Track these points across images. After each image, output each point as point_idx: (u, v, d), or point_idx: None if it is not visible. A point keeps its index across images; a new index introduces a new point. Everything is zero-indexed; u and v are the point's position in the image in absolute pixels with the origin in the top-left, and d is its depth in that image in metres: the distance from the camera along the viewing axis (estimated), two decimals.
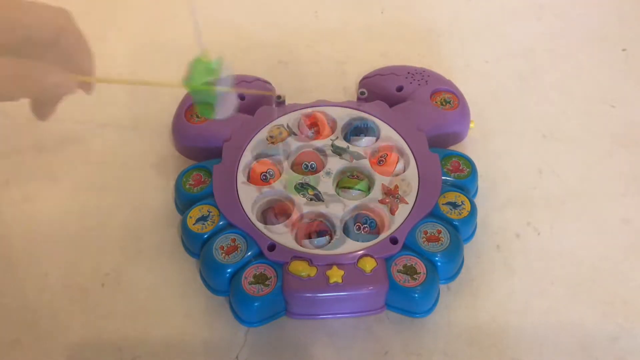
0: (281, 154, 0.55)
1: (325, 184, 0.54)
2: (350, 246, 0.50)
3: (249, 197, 0.53)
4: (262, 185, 0.54)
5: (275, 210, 0.53)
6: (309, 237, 0.51)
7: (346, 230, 0.51)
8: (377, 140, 0.57)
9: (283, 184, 0.54)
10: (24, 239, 0.56)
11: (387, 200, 0.52)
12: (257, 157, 0.56)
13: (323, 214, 0.52)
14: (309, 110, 0.58)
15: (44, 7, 0.38)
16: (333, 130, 0.58)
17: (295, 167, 0.56)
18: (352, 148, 0.56)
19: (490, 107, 0.64)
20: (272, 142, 0.57)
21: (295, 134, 0.57)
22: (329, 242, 0.50)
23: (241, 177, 0.54)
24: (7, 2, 0.37)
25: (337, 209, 0.52)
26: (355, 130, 0.58)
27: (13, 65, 0.37)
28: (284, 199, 0.53)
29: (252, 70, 0.63)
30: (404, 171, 0.54)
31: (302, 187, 0.53)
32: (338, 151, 0.56)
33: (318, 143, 0.56)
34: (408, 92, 0.60)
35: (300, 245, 0.50)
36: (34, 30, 0.38)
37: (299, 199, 0.53)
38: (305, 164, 0.55)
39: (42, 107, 0.43)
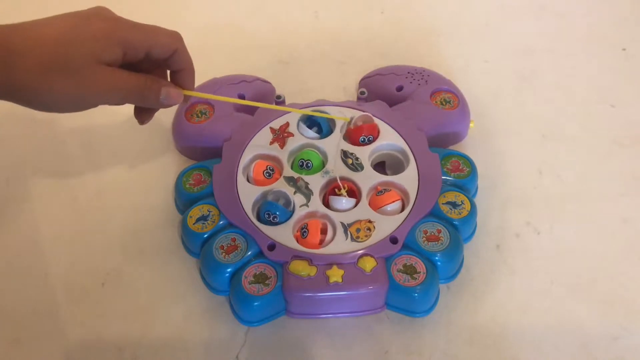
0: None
1: (319, 181, 0.54)
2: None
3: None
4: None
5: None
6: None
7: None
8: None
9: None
10: (24, 238, 0.56)
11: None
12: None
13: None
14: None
15: (162, 31, 0.46)
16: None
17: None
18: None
19: (490, 107, 0.64)
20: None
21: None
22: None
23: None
24: (134, 25, 0.45)
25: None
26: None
27: (137, 78, 0.45)
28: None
29: (252, 70, 0.63)
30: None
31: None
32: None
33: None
34: (408, 92, 0.60)
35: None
36: (153, 50, 0.45)
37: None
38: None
39: (145, 114, 0.50)
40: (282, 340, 0.49)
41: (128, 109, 0.64)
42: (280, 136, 0.57)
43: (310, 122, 0.58)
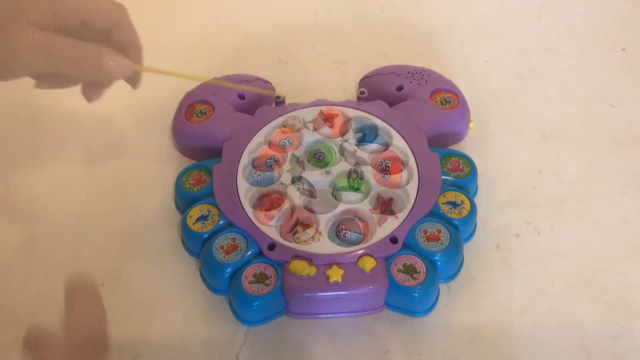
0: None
1: (322, 182, 0.54)
2: (346, 247, 0.50)
3: (249, 196, 0.53)
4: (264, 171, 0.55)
5: (268, 201, 0.53)
6: (294, 229, 0.51)
7: (330, 232, 0.51)
8: (385, 149, 0.56)
9: (283, 172, 0.54)
10: (24, 238, 0.56)
11: (377, 211, 0.52)
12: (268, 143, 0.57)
13: (312, 210, 0.52)
14: (328, 107, 0.58)
15: None
16: (346, 131, 0.57)
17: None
18: (359, 153, 0.56)
19: (490, 106, 0.64)
20: (284, 131, 0.57)
21: (307, 128, 0.57)
22: (311, 238, 0.50)
23: (241, 176, 0.54)
24: None
25: (327, 208, 0.52)
26: (365, 136, 0.57)
27: (77, 45, 0.39)
28: (280, 188, 0.54)
29: (252, 70, 0.63)
30: (407, 183, 0.54)
31: (298, 180, 0.54)
32: (344, 153, 0.56)
33: (328, 140, 0.56)
34: (408, 92, 0.60)
35: (285, 239, 0.50)
36: (91, 16, 0.40)
37: (293, 191, 0.53)
38: (314, 151, 0.55)
39: (93, 90, 0.45)
40: (282, 340, 0.49)
41: (128, 107, 0.65)
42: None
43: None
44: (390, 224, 0.51)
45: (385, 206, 0.52)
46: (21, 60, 0.39)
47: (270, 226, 0.51)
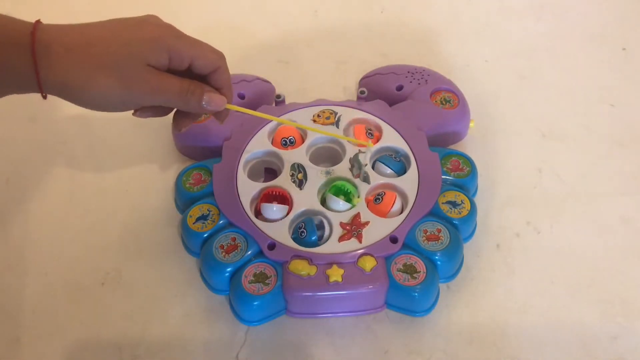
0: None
1: (317, 178, 0.54)
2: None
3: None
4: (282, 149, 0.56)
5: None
6: (268, 199, 0.52)
7: (307, 227, 0.51)
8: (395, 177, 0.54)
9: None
10: (24, 238, 0.56)
11: (347, 227, 0.51)
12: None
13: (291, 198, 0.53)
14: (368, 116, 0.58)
15: (208, 46, 0.47)
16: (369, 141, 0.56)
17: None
18: (369, 170, 0.54)
19: (490, 106, 0.64)
20: (314, 120, 0.57)
21: (337, 126, 0.57)
22: (284, 216, 0.51)
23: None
24: (182, 35, 0.46)
25: (307, 202, 0.52)
26: (384, 160, 0.55)
27: (181, 81, 0.46)
28: (277, 162, 0.55)
29: (252, 70, 0.63)
30: (401, 212, 0.52)
31: (295, 168, 0.54)
32: (353, 162, 0.55)
33: (347, 143, 0.56)
34: (408, 91, 0.60)
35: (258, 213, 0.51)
36: (197, 62, 0.46)
37: (287, 176, 0.54)
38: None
39: (185, 120, 0.50)
40: (282, 339, 0.49)
41: None
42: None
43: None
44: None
45: (357, 227, 0.51)
46: (141, 97, 0.45)
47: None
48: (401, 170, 0.54)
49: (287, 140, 0.57)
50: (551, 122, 0.63)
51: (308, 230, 0.50)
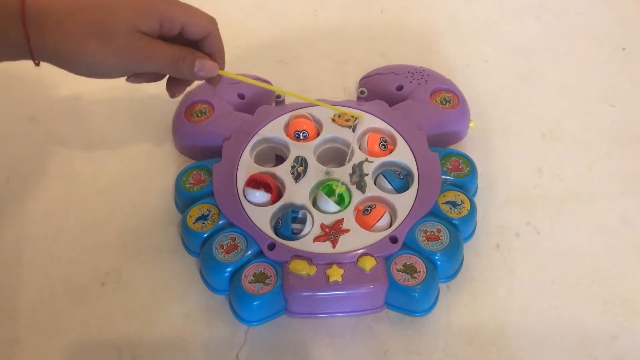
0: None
1: (315, 175, 0.54)
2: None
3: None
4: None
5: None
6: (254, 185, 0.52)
7: (284, 218, 0.51)
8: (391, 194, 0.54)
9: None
10: (24, 238, 0.56)
11: (326, 229, 0.50)
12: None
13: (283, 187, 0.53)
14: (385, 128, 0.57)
15: (199, 11, 0.47)
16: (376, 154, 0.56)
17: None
18: (368, 181, 0.53)
19: (490, 106, 0.64)
20: (333, 120, 0.57)
21: (353, 130, 0.57)
22: (267, 202, 0.52)
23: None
24: (172, 1, 0.46)
25: (298, 196, 0.52)
26: (387, 175, 0.54)
27: (172, 48, 0.46)
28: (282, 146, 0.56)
29: (252, 70, 0.63)
30: (387, 228, 0.51)
31: (298, 161, 0.54)
32: (356, 169, 0.54)
33: (357, 148, 0.56)
34: (408, 91, 0.60)
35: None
36: (189, 27, 0.46)
37: (288, 166, 0.54)
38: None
39: (177, 86, 0.51)
40: (282, 339, 0.49)
41: (128, 107, 0.65)
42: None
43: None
44: (369, 238, 0.50)
45: (337, 232, 0.50)
46: (131, 63, 0.45)
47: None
48: (401, 189, 0.53)
49: (300, 134, 0.57)
50: (551, 122, 0.63)
51: (283, 222, 0.50)
